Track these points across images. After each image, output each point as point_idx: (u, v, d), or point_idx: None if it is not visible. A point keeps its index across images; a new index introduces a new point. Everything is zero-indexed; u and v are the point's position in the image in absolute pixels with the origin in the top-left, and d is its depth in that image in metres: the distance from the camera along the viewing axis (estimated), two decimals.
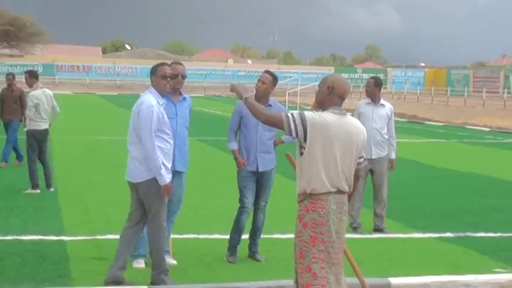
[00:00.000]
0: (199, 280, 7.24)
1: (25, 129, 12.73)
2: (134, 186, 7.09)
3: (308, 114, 5.40)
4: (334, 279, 5.37)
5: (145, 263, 7.74)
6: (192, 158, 7.99)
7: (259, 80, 8.10)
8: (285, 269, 7.48)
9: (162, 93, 7.15)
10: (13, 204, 10.98)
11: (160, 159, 6.84)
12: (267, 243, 8.63)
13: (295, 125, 5.34)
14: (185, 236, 9.11)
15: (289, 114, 5.42)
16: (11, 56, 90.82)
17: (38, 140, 12.50)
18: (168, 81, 7.16)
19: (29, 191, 12.13)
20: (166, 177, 6.88)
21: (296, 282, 5.50)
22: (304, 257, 5.37)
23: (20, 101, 15.45)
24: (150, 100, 6.96)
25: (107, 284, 6.94)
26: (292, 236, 5.55)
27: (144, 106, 6.90)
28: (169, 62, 7.80)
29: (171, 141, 7.06)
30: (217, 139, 21.39)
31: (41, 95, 12.65)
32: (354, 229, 9.67)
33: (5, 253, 8.05)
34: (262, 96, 8.04)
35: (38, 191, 12.15)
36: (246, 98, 5.63)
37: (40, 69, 71.14)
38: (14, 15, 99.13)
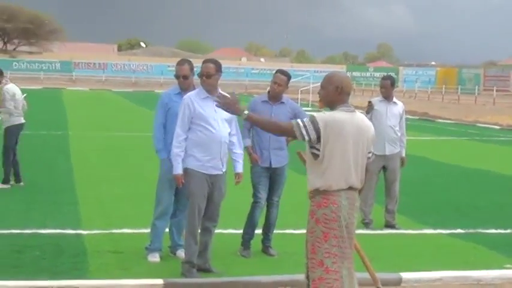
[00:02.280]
0: (213, 274, 7.25)
1: (6, 125, 12.28)
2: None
3: (319, 116, 5.38)
4: (347, 274, 5.37)
5: (160, 257, 7.79)
6: None
7: (274, 83, 8.11)
8: (297, 263, 7.45)
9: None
10: (32, 198, 11.03)
11: (175, 149, 7.03)
12: (280, 238, 8.64)
13: (307, 130, 5.31)
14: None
15: (299, 121, 5.38)
16: (30, 53, 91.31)
17: (17, 135, 12.36)
18: (180, 81, 7.48)
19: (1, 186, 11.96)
20: (177, 168, 7.05)
21: (307, 277, 5.50)
22: (317, 252, 5.37)
23: None
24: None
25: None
26: (304, 231, 5.55)
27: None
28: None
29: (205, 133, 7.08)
30: None
31: (15, 88, 12.42)
32: (366, 225, 9.67)
33: (25, 246, 8.08)
34: (277, 96, 8.09)
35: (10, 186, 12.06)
36: (246, 117, 5.54)
37: (58, 67, 71.84)
38: (33, 13, 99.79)
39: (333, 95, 5.48)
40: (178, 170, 7.08)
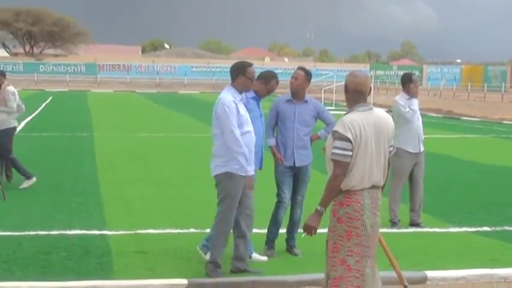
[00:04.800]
0: (238, 273, 7.26)
1: (3, 127, 12.09)
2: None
3: (340, 126, 5.35)
4: (370, 272, 5.36)
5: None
6: None
7: (292, 77, 8.13)
8: (322, 263, 7.43)
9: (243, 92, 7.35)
10: (57, 200, 11.12)
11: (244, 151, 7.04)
12: (304, 238, 8.62)
13: (346, 150, 5.28)
14: None
15: (336, 151, 5.30)
16: (56, 55, 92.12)
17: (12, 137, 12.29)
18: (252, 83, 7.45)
19: (26, 184, 12.05)
20: (248, 168, 7.10)
21: (327, 275, 5.48)
22: (339, 251, 5.37)
23: None
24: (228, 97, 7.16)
25: (232, 273, 7.27)
26: (324, 230, 5.57)
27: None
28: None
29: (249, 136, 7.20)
30: None
31: (15, 90, 12.42)
32: (394, 224, 9.62)
33: (52, 247, 8.15)
34: (296, 92, 8.07)
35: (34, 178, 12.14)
36: (322, 209, 5.47)
37: (83, 69, 72.33)
38: (58, 16, 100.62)
39: (347, 96, 5.55)
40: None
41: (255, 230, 8.93)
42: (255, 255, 7.91)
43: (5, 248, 8.06)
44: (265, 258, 7.97)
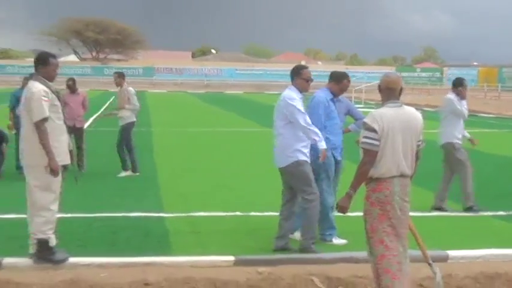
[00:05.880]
0: (280, 251, 7.27)
1: (123, 123, 12.73)
2: (280, 171, 7.37)
3: (369, 118, 5.39)
4: (403, 250, 5.39)
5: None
6: (270, 147, 7.98)
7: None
8: (354, 242, 7.50)
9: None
10: (122, 187, 11.27)
11: (297, 143, 7.12)
12: (339, 220, 8.62)
13: (373, 140, 5.31)
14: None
15: (364, 140, 5.35)
16: (118, 60, 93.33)
17: (131, 131, 12.78)
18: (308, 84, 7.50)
19: (129, 173, 12.51)
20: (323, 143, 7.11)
21: (370, 253, 5.51)
22: (376, 232, 5.38)
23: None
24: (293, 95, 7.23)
25: (275, 251, 7.28)
26: (358, 213, 5.57)
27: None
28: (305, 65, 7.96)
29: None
30: None
31: (134, 91, 12.85)
32: (471, 208, 9.66)
33: (118, 227, 8.26)
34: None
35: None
36: (351, 192, 5.48)
37: (141, 72, 72.87)
38: (121, 26, 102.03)
39: (381, 93, 5.58)
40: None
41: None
42: (336, 239, 7.88)
43: (78, 227, 8.17)
44: (344, 241, 7.87)
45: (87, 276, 6.19)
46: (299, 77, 7.36)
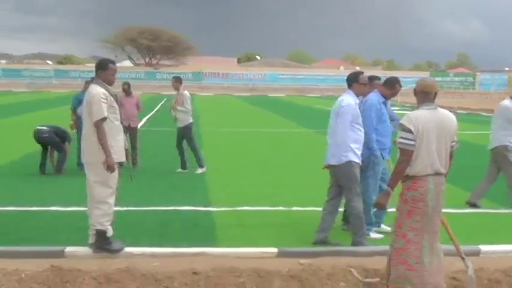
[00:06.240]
0: (321, 244, 7.26)
1: (181, 125, 12.83)
2: (331, 168, 7.35)
3: (405, 120, 5.39)
4: (428, 246, 5.35)
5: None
6: (310, 146, 7.98)
7: (400, 85, 8.12)
8: (389, 237, 7.42)
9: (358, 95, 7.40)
10: (172, 183, 11.35)
11: (351, 144, 7.10)
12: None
13: (409, 140, 5.31)
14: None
15: (400, 140, 5.36)
16: (169, 66, 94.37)
17: (191, 131, 12.85)
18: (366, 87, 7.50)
19: (200, 170, 12.57)
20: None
21: (391, 245, 5.53)
22: (402, 227, 5.39)
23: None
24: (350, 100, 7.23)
25: (315, 244, 7.30)
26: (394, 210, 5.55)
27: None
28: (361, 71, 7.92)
29: (362, 132, 7.28)
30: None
31: (189, 94, 12.96)
32: (474, 206, 9.55)
33: (168, 220, 8.33)
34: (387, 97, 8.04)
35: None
36: (389, 189, 5.48)
37: (190, 76, 73.39)
38: (172, 34, 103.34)
39: (416, 96, 5.55)
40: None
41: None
42: (373, 234, 7.86)
43: (132, 220, 8.27)
44: (381, 236, 7.85)
45: (140, 265, 6.25)
46: (357, 82, 7.34)
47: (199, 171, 12.52)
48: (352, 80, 7.37)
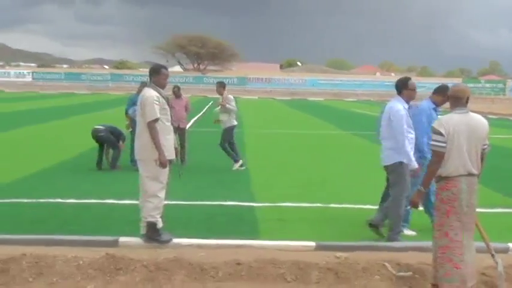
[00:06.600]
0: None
1: (225, 126, 12.89)
2: (385, 168, 7.33)
3: (437, 123, 5.35)
4: (467, 243, 5.29)
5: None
6: (347, 147, 7.92)
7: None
8: (422, 234, 7.35)
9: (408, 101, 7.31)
10: (217, 179, 11.40)
11: (409, 149, 7.06)
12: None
13: (440, 142, 5.27)
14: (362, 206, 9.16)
15: (433, 143, 5.34)
16: (215, 71, 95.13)
17: (233, 133, 12.88)
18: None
19: (237, 166, 12.65)
20: (414, 162, 7.08)
21: (435, 243, 5.44)
22: (443, 225, 5.32)
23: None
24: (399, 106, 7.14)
25: (369, 223, 7.36)
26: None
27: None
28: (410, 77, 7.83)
29: (413, 135, 7.23)
30: (366, 133, 21.07)
31: (232, 97, 12.97)
32: None
33: (214, 214, 8.38)
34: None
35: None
36: (422, 189, 5.51)
37: (235, 81, 73.62)
38: (218, 41, 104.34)
39: (449, 101, 5.53)
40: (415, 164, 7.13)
41: (369, 206, 8.85)
42: (407, 231, 7.76)
43: (180, 213, 8.33)
44: (414, 232, 7.75)
45: (187, 255, 6.30)
46: (406, 88, 7.26)
47: (236, 166, 12.62)
48: (402, 87, 7.27)
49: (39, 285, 5.63)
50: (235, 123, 13.00)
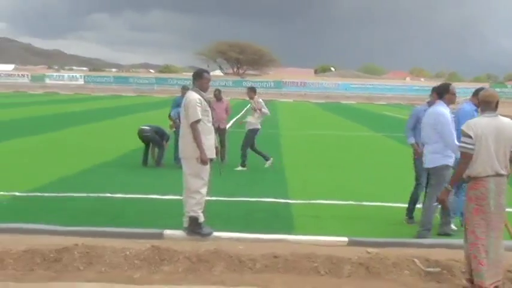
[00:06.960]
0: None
1: (249, 127, 12.80)
2: (428, 170, 7.26)
3: (466, 126, 5.28)
4: (493, 242, 5.21)
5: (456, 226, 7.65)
6: (378, 148, 7.83)
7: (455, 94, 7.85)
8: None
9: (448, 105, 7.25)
10: (255, 177, 11.42)
11: (449, 150, 6.98)
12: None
13: (468, 144, 5.20)
14: (382, 204, 9.05)
15: (461, 145, 5.28)
16: (253, 75, 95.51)
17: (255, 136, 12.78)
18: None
19: (269, 163, 12.61)
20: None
21: (465, 240, 5.42)
22: (470, 223, 5.28)
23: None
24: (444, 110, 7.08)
25: (439, 235, 7.30)
26: None
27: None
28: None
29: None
30: (397, 135, 20.80)
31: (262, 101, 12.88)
32: None
33: (252, 210, 8.35)
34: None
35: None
36: (449, 187, 5.50)
37: (272, 85, 73.64)
38: (257, 48, 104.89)
39: (479, 106, 5.46)
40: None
41: (397, 204, 8.73)
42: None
43: (221, 208, 8.37)
44: (455, 228, 7.63)
45: (227, 248, 6.32)
46: (448, 92, 7.18)
47: (239, 168, 12.46)
48: (444, 91, 7.21)
49: (89, 273, 5.71)
50: (259, 127, 12.91)
